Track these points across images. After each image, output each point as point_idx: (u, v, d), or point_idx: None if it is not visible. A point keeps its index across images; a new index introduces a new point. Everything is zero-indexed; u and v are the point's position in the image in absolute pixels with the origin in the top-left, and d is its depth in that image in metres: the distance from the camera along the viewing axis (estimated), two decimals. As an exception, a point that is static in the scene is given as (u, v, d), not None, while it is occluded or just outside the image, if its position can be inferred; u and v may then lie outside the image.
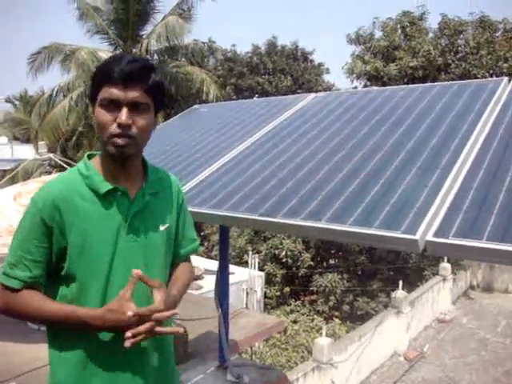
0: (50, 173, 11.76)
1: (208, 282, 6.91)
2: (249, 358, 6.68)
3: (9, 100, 27.56)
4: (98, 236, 1.32)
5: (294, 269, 11.78)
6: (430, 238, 1.46)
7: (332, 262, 12.89)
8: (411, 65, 13.88)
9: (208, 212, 2.07)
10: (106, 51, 13.17)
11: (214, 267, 3.47)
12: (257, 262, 9.71)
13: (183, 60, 14.67)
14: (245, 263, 10.58)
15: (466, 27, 14.15)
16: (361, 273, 12.49)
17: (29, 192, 3.76)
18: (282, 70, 19.33)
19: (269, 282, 11.32)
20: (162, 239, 1.44)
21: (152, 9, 13.69)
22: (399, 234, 1.50)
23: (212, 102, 12.31)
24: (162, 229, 1.44)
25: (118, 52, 12.92)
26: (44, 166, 13.46)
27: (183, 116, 3.87)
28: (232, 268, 6.66)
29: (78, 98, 12.86)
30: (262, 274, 9.90)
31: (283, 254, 11.44)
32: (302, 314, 10.93)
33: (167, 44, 13.41)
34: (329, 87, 19.69)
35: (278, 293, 11.71)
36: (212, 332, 3.74)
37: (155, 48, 13.77)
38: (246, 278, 8.97)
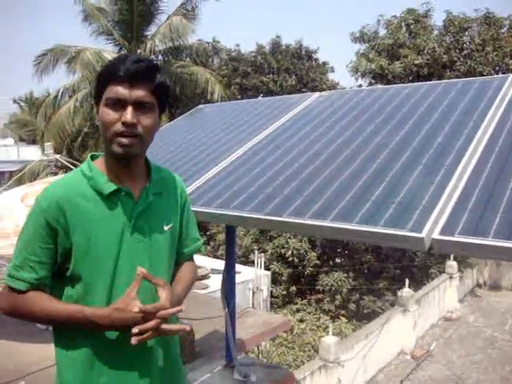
0: (57, 174, 11.81)
1: (214, 282, 6.90)
2: (255, 357, 6.68)
3: (15, 101, 27.77)
4: (103, 236, 1.32)
5: (300, 268, 11.77)
6: (436, 235, 1.45)
7: (338, 260, 12.88)
8: (416, 62, 13.82)
9: (214, 212, 2.07)
10: (110, 52, 13.25)
11: (221, 267, 3.47)
12: (263, 261, 9.70)
13: (188, 60, 14.69)
14: (251, 262, 10.57)
15: (471, 24, 14.07)
16: (367, 271, 12.46)
17: (36, 193, 3.77)
18: (287, 69, 19.28)
19: (275, 281, 11.31)
20: (166, 239, 1.44)
21: (156, 9, 13.74)
22: (405, 232, 1.50)
23: (217, 101, 12.33)
24: (166, 229, 1.44)
25: (123, 53, 12.97)
26: (50, 167, 13.50)
27: (188, 116, 3.87)
28: (238, 267, 6.65)
29: (83, 99, 12.94)
30: (268, 273, 9.88)
31: (289, 253, 11.44)
32: (309, 313, 10.91)
33: (171, 44, 13.47)
34: (333, 86, 19.61)
35: (284, 292, 11.70)
36: (219, 331, 3.75)
37: (160, 48, 13.82)
38: (252, 277, 8.96)
